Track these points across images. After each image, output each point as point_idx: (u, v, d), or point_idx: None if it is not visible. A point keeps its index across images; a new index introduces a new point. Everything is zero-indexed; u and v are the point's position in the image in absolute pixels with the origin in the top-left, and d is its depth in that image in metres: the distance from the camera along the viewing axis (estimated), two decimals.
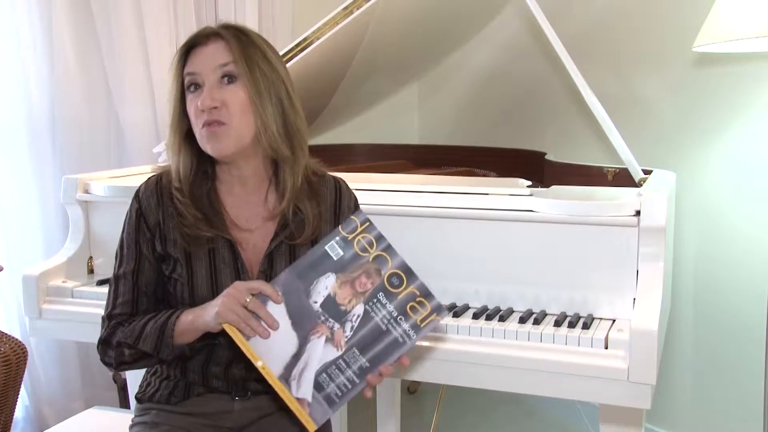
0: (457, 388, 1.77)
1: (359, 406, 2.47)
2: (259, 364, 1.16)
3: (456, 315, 1.54)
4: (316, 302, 1.18)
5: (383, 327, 1.18)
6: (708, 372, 2.32)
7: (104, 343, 1.29)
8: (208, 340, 1.25)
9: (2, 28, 2.35)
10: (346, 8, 1.92)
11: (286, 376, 1.16)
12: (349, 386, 1.17)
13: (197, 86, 1.25)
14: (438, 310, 1.20)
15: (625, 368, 1.34)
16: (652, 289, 1.42)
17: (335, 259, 1.19)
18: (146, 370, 1.40)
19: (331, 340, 1.17)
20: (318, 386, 1.16)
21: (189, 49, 1.27)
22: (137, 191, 1.32)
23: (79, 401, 2.55)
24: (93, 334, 1.34)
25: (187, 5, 2.66)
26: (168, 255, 1.29)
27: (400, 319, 1.18)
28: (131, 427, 1.35)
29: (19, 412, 2.39)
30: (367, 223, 1.21)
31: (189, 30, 2.65)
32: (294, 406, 1.15)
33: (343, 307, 1.18)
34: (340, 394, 1.16)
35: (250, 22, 2.76)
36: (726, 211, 2.22)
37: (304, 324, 1.17)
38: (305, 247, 1.30)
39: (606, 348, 1.39)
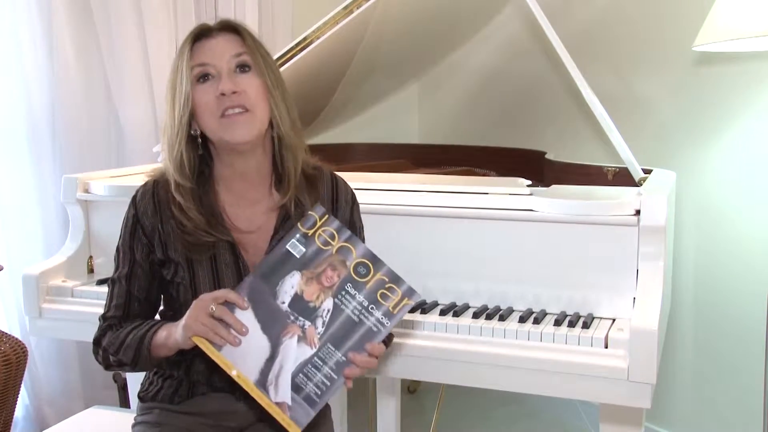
0: (457, 388, 1.77)
1: (359, 405, 2.47)
2: (233, 373, 1.13)
3: (456, 314, 1.54)
4: (283, 302, 1.16)
5: (355, 318, 1.16)
6: (708, 372, 2.32)
7: (96, 343, 1.31)
8: (186, 354, 1.24)
9: (2, 28, 2.35)
10: (346, 7, 1.92)
11: (262, 382, 1.13)
12: (328, 383, 1.15)
13: (207, 77, 1.25)
14: (409, 294, 1.17)
15: (625, 367, 1.34)
16: (652, 289, 1.42)
17: (298, 256, 1.17)
18: None
19: (303, 338, 1.15)
20: (296, 388, 1.14)
21: (193, 42, 1.28)
22: (134, 196, 1.32)
23: (79, 401, 2.55)
24: (93, 333, 1.34)
25: (187, 5, 2.66)
26: (169, 259, 1.28)
27: (372, 308, 1.16)
28: (134, 425, 1.35)
29: (19, 412, 2.39)
30: (326, 217, 1.19)
31: (189, 30, 2.65)
32: (275, 412, 1.13)
33: (312, 304, 1.16)
34: (319, 392, 1.14)
35: (250, 22, 2.76)
36: (726, 211, 2.22)
37: (274, 326, 1.15)
38: None
39: (606, 347, 1.39)
